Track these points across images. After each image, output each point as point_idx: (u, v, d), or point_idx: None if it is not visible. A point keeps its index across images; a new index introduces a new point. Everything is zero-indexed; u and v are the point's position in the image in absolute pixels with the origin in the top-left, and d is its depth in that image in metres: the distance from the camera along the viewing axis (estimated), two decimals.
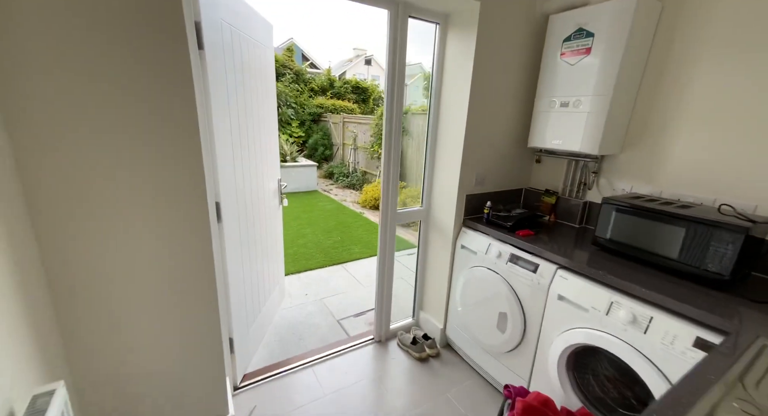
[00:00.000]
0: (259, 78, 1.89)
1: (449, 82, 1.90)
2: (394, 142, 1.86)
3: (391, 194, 1.94)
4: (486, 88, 1.82)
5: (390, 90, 1.78)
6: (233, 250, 1.62)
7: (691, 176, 1.49)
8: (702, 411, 0.65)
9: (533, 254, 1.59)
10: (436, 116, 2.01)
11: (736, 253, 1.12)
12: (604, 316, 1.26)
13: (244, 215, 1.75)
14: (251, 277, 1.89)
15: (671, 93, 1.53)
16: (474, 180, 1.96)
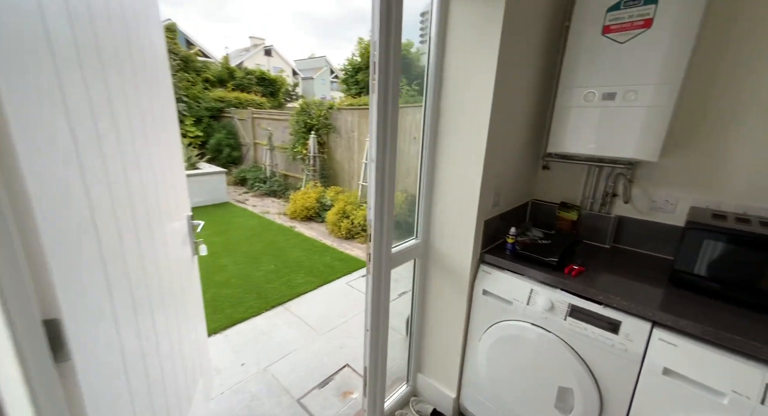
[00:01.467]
0: (134, 62, 0.95)
1: (455, 70, 1.28)
2: (388, 158, 1.15)
3: (386, 229, 1.24)
4: (511, 78, 1.27)
5: (383, 83, 1.07)
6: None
7: (756, 182, 1.21)
8: None
9: (607, 306, 1.12)
10: (434, 117, 1.38)
11: None
12: (757, 404, 0.85)
13: (113, 315, 0.83)
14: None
15: (735, 78, 1.21)
16: (491, 201, 1.41)
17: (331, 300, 2.85)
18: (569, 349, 1.18)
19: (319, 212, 4.85)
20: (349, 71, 9.43)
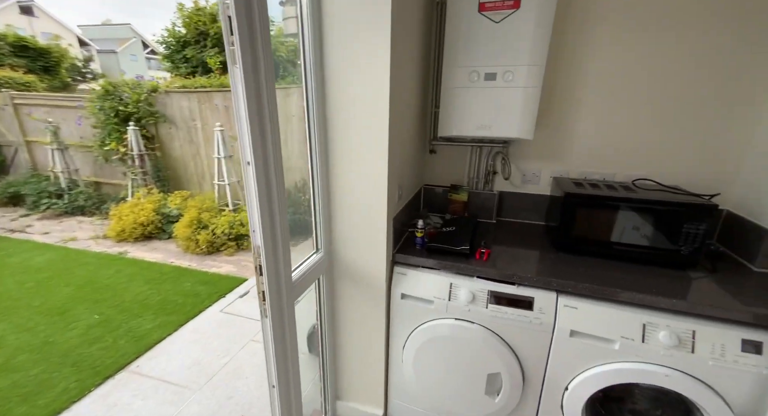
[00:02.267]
0: None
1: (338, 48, 1.00)
2: (272, 157, 0.78)
3: (282, 253, 0.88)
4: (403, 59, 1.09)
5: (248, 47, 0.68)
6: None
7: (595, 153, 1.46)
8: None
9: (520, 286, 1.14)
10: (321, 106, 1.06)
11: (706, 231, 1.10)
12: (641, 343, 1.00)
13: None
14: None
15: (573, 65, 1.39)
16: (396, 195, 1.23)
17: (204, 339, 2.20)
18: (494, 336, 1.16)
19: (163, 227, 3.73)
20: (172, 45, 7.49)
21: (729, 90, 1.23)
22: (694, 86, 1.26)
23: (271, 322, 0.91)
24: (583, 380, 1.08)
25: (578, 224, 1.24)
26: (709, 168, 1.32)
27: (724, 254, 1.26)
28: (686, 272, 1.14)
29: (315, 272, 1.15)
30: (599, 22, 1.30)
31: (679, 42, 1.24)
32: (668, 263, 1.16)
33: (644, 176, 1.38)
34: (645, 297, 1.00)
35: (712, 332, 0.95)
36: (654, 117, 1.34)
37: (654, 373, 0.99)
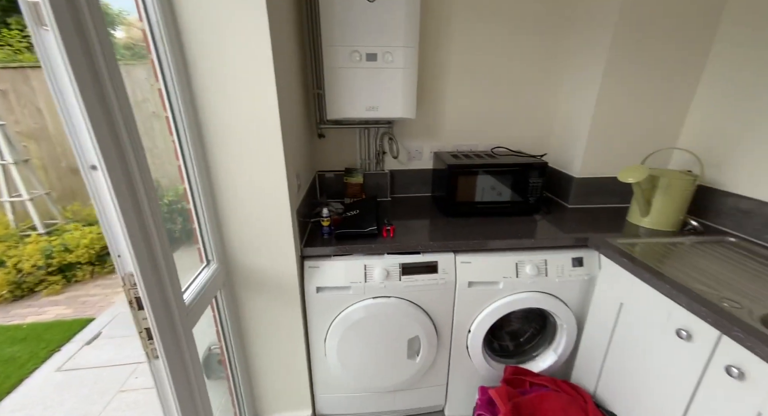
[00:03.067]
0: None
1: (201, 26, 0.78)
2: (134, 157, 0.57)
3: (168, 275, 0.68)
4: (282, 35, 0.95)
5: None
6: None
7: (461, 127, 1.68)
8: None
9: (424, 253, 1.24)
10: (185, 90, 0.83)
11: (542, 183, 1.44)
12: (516, 278, 1.26)
13: None
14: None
15: (438, 49, 1.53)
16: (296, 186, 1.12)
17: (41, 415, 1.59)
18: (409, 304, 1.25)
19: None
20: None
21: (544, 71, 1.60)
22: (523, 68, 1.59)
23: (165, 362, 0.71)
24: (481, 320, 1.30)
25: (459, 191, 1.43)
26: (537, 133, 1.71)
27: (550, 199, 1.69)
28: (533, 217, 1.47)
29: (211, 289, 0.96)
30: (454, 11, 1.46)
31: (511, 33, 1.52)
32: (522, 212, 1.48)
33: (499, 145, 1.69)
34: (515, 242, 1.25)
35: (555, 257, 1.27)
36: (499, 95, 1.63)
37: (527, 299, 1.27)
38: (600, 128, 1.45)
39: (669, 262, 1.10)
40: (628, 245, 1.21)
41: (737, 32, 1.26)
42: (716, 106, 1.34)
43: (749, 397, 0.77)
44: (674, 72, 1.38)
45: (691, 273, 1.02)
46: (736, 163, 1.27)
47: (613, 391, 1.19)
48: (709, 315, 0.84)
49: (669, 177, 1.28)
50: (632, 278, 1.09)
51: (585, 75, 1.46)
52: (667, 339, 0.97)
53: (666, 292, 0.96)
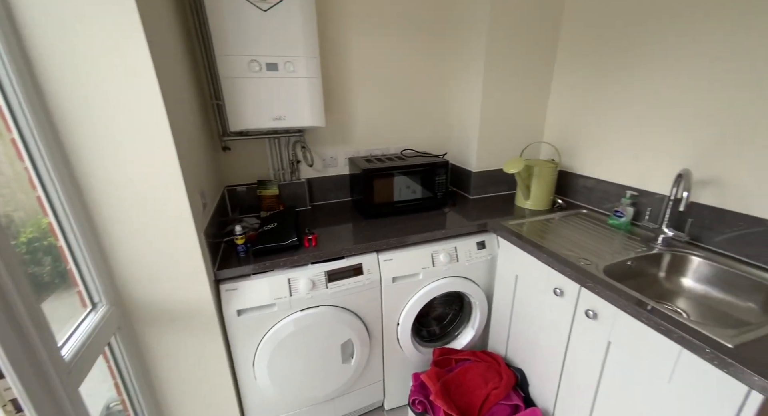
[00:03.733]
0: None
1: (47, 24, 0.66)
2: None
3: (33, 323, 0.57)
4: (162, 39, 0.86)
5: None
6: None
7: (372, 132, 1.75)
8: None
9: (348, 257, 1.27)
10: (39, 111, 0.68)
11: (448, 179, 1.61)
12: (433, 267, 1.38)
13: None
14: None
15: (340, 57, 1.57)
16: (200, 204, 1.03)
17: None
18: (339, 309, 1.26)
19: None
20: None
21: (437, 75, 1.78)
22: (418, 74, 1.74)
23: None
24: (407, 311, 1.39)
25: (376, 193, 1.50)
26: (440, 134, 1.89)
27: (456, 192, 1.89)
28: (442, 210, 1.63)
29: (102, 336, 0.82)
30: (349, 23, 1.52)
31: (402, 41, 1.64)
32: (432, 207, 1.63)
33: (407, 147, 1.82)
34: (429, 235, 1.37)
35: (463, 244, 1.43)
36: (402, 99, 1.75)
37: (444, 284, 1.40)
38: (487, 126, 1.68)
39: (546, 235, 1.34)
40: (516, 225, 1.43)
41: (570, 50, 1.60)
42: (564, 106, 1.68)
43: (601, 331, 1.00)
44: (534, 77, 1.68)
45: (561, 242, 1.27)
46: (581, 151, 1.62)
47: (518, 349, 1.41)
48: (572, 273, 1.06)
49: (540, 166, 1.56)
50: (521, 253, 1.30)
51: (470, 79, 1.67)
52: (548, 298, 1.19)
53: (544, 260, 1.17)
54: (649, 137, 1.31)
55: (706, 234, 1.16)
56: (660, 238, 1.21)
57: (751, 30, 1.00)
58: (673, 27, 1.19)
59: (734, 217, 1.09)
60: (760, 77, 0.99)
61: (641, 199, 1.36)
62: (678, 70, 1.19)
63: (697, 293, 1.11)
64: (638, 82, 1.32)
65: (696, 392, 0.78)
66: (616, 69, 1.40)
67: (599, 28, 1.44)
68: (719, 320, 1.01)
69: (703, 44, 1.11)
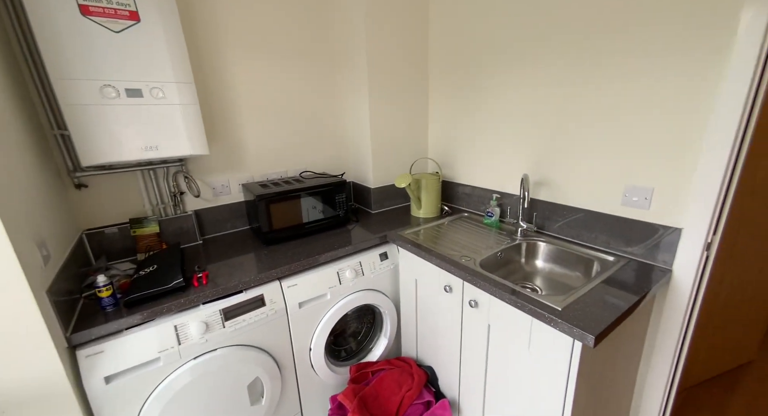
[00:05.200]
0: None
1: None
2: None
3: None
4: None
5: None
6: None
7: (268, 156, 1.71)
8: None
9: (247, 290, 1.19)
10: None
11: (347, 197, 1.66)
12: (340, 285, 1.40)
13: None
14: None
15: (221, 82, 1.50)
16: (40, 258, 0.84)
17: None
18: (241, 348, 1.16)
19: None
20: None
21: (329, 98, 1.85)
22: (308, 96, 1.78)
23: None
24: (319, 334, 1.36)
25: (275, 219, 1.45)
26: (338, 154, 1.95)
27: (359, 208, 1.97)
28: (346, 227, 1.68)
29: None
30: (234, 46, 1.48)
31: (295, 65, 1.67)
32: (336, 225, 1.66)
33: (306, 169, 1.82)
34: (333, 253, 1.39)
35: (367, 257, 1.49)
36: (294, 122, 1.76)
37: (352, 300, 1.43)
38: (379, 146, 1.82)
39: (437, 239, 1.50)
40: (413, 233, 1.56)
41: (439, 74, 1.87)
42: (440, 124, 1.94)
43: (482, 317, 1.16)
44: (414, 99, 1.89)
45: (448, 244, 1.44)
46: (458, 163, 1.88)
47: (427, 348, 1.52)
48: (456, 271, 1.21)
49: (426, 179, 1.75)
50: (417, 258, 1.42)
51: (357, 102, 1.79)
52: (441, 295, 1.33)
53: (435, 262, 1.31)
54: (504, 148, 1.61)
55: (547, 223, 1.47)
56: (519, 231, 1.47)
57: (561, 67, 1.34)
58: (506, 57, 1.51)
59: (561, 208, 1.41)
60: (566, 102, 1.33)
61: (504, 200, 1.65)
62: (518, 93, 1.51)
63: (546, 270, 1.39)
64: (491, 102, 1.62)
65: (544, 350, 0.97)
66: (473, 91, 1.69)
67: (458, 54, 1.73)
68: (559, 289, 1.28)
69: (532, 74, 1.44)
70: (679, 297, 1.12)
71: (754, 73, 0.88)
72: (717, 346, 1.61)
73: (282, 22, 1.60)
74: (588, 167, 1.29)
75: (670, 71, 1.03)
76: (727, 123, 0.94)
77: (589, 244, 1.33)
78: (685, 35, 0.98)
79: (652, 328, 1.21)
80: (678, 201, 1.08)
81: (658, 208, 1.13)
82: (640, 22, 1.07)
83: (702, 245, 1.05)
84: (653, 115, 1.09)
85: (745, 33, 0.88)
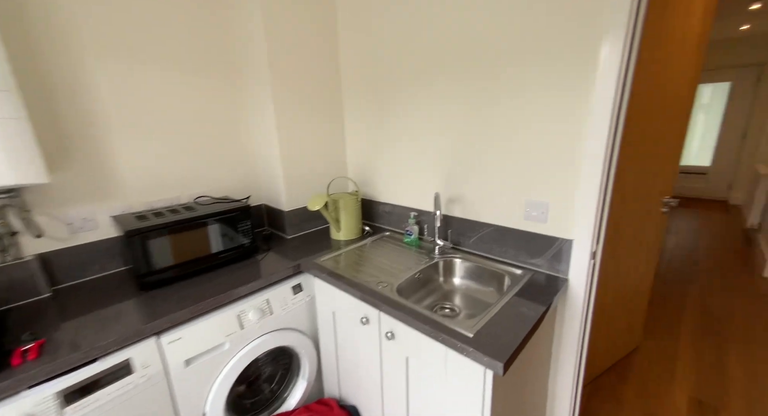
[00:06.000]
0: None
1: None
2: None
3: None
4: None
5: None
6: None
7: (153, 181, 1.42)
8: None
9: (105, 357, 0.91)
10: None
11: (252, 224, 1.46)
12: (242, 330, 1.19)
13: None
14: None
15: (81, 97, 1.20)
16: None
17: None
18: None
19: None
20: None
21: (232, 113, 1.64)
22: (212, 115, 1.56)
23: None
24: (215, 394, 1.13)
25: (155, 257, 1.19)
26: (244, 174, 1.73)
27: (273, 234, 1.77)
28: (254, 258, 1.47)
29: None
30: (86, 47, 1.20)
31: (184, 75, 1.44)
32: (240, 258, 1.44)
33: (203, 193, 1.57)
34: (233, 292, 1.17)
35: (276, 292, 1.31)
36: (191, 142, 1.51)
37: (259, 345, 1.23)
38: (290, 166, 1.66)
39: (358, 264, 1.38)
40: (331, 259, 1.43)
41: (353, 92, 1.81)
42: (358, 142, 1.87)
43: (399, 349, 1.08)
44: (329, 117, 1.79)
45: (368, 269, 1.33)
46: (378, 181, 1.82)
47: (349, 386, 1.38)
48: (372, 300, 1.10)
49: (344, 199, 1.64)
50: (333, 288, 1.29)
51: (264, 117, 1.62)
52: (360, 328, 1.21)
53: (351, 292, 1.19)
54: (418, 166, 1.59)
55: (463, 239, 1.48)
56: (436, 248, 1.45)
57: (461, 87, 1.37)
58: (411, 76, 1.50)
59: (474, 224, 1.42)
60: (468, 121, 1.36)
61: (422, 217, 1.63)
62: (424, 111, 1.50)
63: (463, 288, 1.38)
64: (403, 120, 1.60)
65: (460, 380, 0.92)
66: (384, 108, 1.66)
67: (367, 71, 1.68)
68: (476, 306, 1.28)
69: (437, 93, 1.45)
70: (576, 302, 1.19)
71: (615, 92, 0.98)
72: (610, 339, 1.80)
73: (166, 23, 1.37)
74: (493, 184, 1.33)
75: (552, 90, 1.10)
76: (598, 136, 1.02)
77: (501, 258, 1.36)
78: (561, 59, 1.07)
79: (557, 333, 1.26)
80: (569, 214, 1.15)
81: (554, 221, 1.19)
82: (527, 49, 1.13)
83: (589, 255, 1.12)
84: (540, 132, 1.16)
85: (605, 62, 0.98)
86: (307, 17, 1.59)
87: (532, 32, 1.10)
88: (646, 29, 1.23)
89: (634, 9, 0.92)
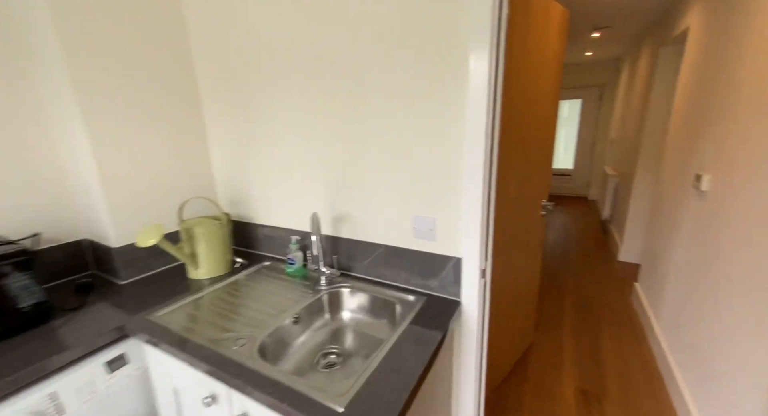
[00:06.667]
0: None
1: None
2: None
3: None
4: None
5: None
6: None
7: None
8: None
9: None
10: None
11: (34, 275, 0.97)
12: None
13: None
14: None
15: None
16: None
17: None
18: None
19: None
20: None
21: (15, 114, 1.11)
22: None
23: None
24: None
25: None
26: (54, 204, 1.20)
27: (99, 280, 1.27)
28: (49, 324, 0.99)
29: None
30: None
31: None
32: (20, 329, 0.95)
33: None
34: None
35: (72, 378, 0.87)
36: None
37: None
38: (118, 185, 1.21)
39: (216, 314, 1.03)
40: (179, 310, 1.05)
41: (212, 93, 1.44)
42: (226, 157, 1.51)
43: None
44: (180, 123, 1.39)
45: (230, 318, 1.00)
46: (253, 201, 1.49)
47: None
48: (220, 372, 0.78)
49: (203, 226, 1.27)
50: (169, 358, 0.92)
51: (67, 122, 1.15)
52: (204, 411, 0.87)
53: (190, 362, 0.84)
54: (297, 183, 1.33)
55: (354, 264, 1.27)
56: (322, 278, 1.20)
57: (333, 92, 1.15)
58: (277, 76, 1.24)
59: (364, 245, 1.22)
60: (345, 131, 1.15)
61: (306, 241, 1.36)
62: (298, 118, 1.25)
63: (353, 323, 1.16)
64: (274, 128, 1.32)
65: None
66: (252, 114, 1.35)
67: (228, 68, 1.35)
68: (368, 345, 1.06)
69: (310, 100, 1.20)
70: (470, 324, 1.08)
71: (488, 103, 0.89)
72: (508, 343, 1.81)
73: None
74: (378, 199, 1.15)
75: (430, 100, 0.98)
76: (476, 144, 0.93)
77: (393, 282, 1.19)
78: (435, 71, 0.94)
79: (456, 354, 1.14)
80: (457, 230, 1.04)
81: (443, 238, 1.07)
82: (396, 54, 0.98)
83: (479, 273, 1.02)
84: (420, 143, 1.02)
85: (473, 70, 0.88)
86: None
87: (399, 37, 0.96)
88: (511, 42, 1.23)
89: (496, 21, 0.85)
